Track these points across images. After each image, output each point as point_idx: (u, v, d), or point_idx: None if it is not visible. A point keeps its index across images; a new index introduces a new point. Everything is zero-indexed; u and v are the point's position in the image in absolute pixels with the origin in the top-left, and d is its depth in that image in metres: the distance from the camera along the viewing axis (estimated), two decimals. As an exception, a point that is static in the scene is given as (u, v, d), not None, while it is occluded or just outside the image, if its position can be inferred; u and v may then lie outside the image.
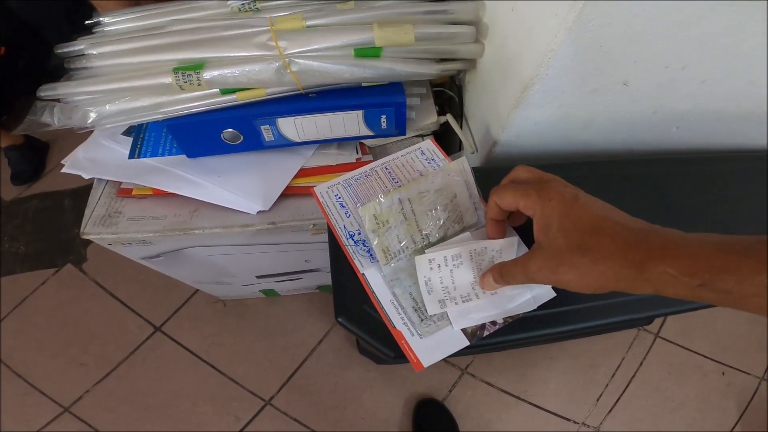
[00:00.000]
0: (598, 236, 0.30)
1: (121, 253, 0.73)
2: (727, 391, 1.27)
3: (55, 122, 0.63)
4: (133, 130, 0.71)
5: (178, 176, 0.67)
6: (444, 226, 0.45)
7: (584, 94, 0.50)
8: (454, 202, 0.45)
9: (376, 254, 0.43)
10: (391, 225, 0.43)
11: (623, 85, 0.50)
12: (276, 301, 1.32)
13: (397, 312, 0.44)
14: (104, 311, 1.32)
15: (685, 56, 0.47)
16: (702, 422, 1.23)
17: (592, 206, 0.32)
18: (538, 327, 0.46)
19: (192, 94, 0.60)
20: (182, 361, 1.26)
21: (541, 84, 0.48)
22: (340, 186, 0.51)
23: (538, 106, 0.51)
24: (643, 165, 0.57)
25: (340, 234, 0.47)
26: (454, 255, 0.42)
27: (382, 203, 0.41)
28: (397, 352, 0.44)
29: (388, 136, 0.70)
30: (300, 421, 1.19)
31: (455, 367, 1.25)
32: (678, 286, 0.27)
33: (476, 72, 0.67)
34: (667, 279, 0.27)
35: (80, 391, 1.23)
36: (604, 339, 1.30)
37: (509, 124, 0.55)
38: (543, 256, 0.33)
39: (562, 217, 0.32)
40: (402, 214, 0.43)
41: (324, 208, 0.49)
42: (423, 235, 0.45)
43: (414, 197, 0.43)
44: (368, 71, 0.59)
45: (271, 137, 0.66)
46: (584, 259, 0.30)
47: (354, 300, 0.45)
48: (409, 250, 0.45)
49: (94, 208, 0.69)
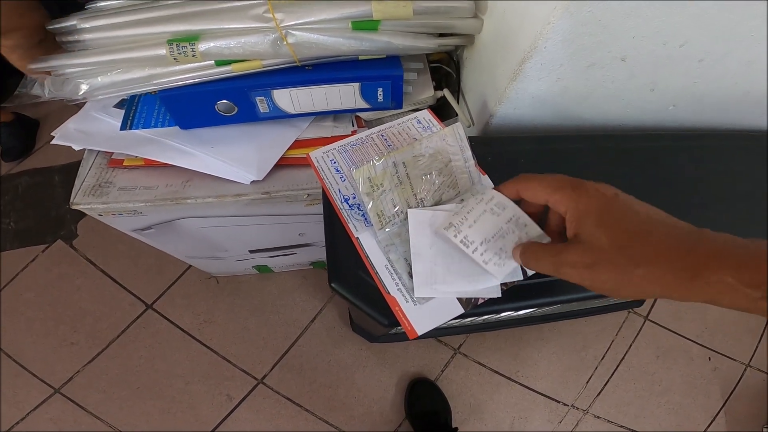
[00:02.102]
0: (645, 237, 0.28)
1: (112, 224, 0.73)
2: (712, 376, 1.30)
3: (45, 94, 0.62)
4: (125, 102, 0.71)
5: (171, 147, 0.67)
6: (439, 190, 0.45)
7: (582, 68, 0.50)
8: (449, 167, 0.45)
9: (371, 218, 0.43)
10: (385, 188, 0.42)
11: (621, 60, 0.49)
12: (269, 278, 1.32)
13: (392, 277, 0.44)
14: (95, 288, 1.32)
15: (684, 33, 0.47)
16: (687, 407, 1.26)
17: (635, 205, 0.30)
18: (533, 295, 0.46)
19: (186, 66, 0.59)
20: (174, 339, 1.26)
21: (539, 57, 0.48)
22: (335, 151, 0.50)
23: (535, 79, 0.51)
24: (639, 139, 0.57)
25: (335, 198, 0.47)
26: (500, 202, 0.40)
27: (377, 166, 0.41)
28: (391, 320, 0.44)
29: (384, 110, 0.69)
30: (292, 399, 1.20)
31: (448, 347, 1.26)
32: (737, 297, 0.25)
33: (474, 48, 0.66)
34: (724, 288, 0.25)
35: (71, 371, 1.22)
36: (596, 321, 1.31)
37: (507, 98, 0.55)
38: (580, 250, 0.30)
39: (601, 213, 0.30)
40: (397, 177, 0.43)
41: (319, 172, 0.49)
42: (418, 199, 0.45)
43: (409, 161, 0.43)
44: (365, 44, 0.58)
45: (266, 109, 0.65)
46: (627, 258, 0.28)
47: (348, 265, 0.45)
48: (403, 215, 0.45)
49: (84, 178, 0.68)
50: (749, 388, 1.30)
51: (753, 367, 1.32)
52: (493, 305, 0.45)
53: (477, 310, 0.45)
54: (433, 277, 0.43)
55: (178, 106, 0.64)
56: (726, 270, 0.25)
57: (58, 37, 0.61)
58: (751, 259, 0.25)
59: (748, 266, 0.25)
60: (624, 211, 0.29)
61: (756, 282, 0.24)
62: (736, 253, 0.26)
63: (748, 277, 0.24)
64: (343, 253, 0.46)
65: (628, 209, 0.30)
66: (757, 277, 0.24)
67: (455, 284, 0.43)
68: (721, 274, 0.25)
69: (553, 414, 1.23)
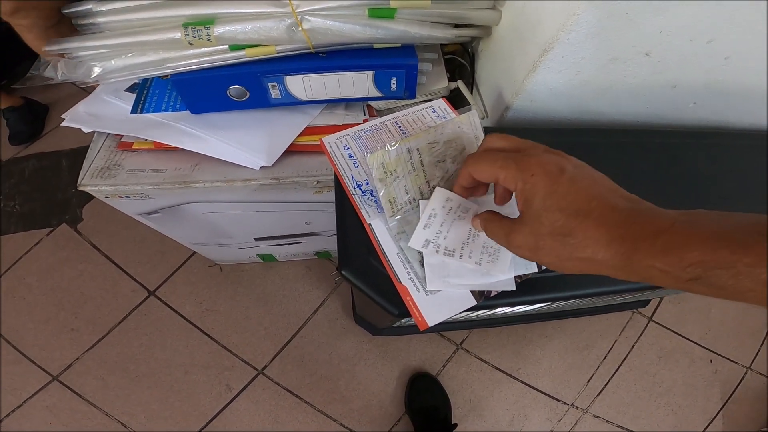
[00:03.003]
0: (583, 219, 0.28)
1: (119, 207, 0.72)
2: (713, 379, 1.29)
3: (57, 76, 0.62)
4: (137, 86, 0.71)
5: (181, 130, 0.66)
6: (452, 178, 0.44)
7: (604, 62, 0.49)
8: (463, 154, 0.44)
9: (383, 205, 0.43)
10: (398, 175, 0.42)
11: (645, 55, 0.48)
12: (273, 267, 1.32)
13: (404, 266, 0.43)
14: (98, 274, 1.31)
15: (712, 30, 0.46)
16: (686, 408, 1.26)
17: (579, 181, 0.30)
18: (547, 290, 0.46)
19: (200, 50, 0.59)
20: (176, 327, 1.26)
21: (561, 48, 0.47)
22: (349, 137, 0.50)
23: (555, 71, 0.50)
24: (656, 135, 0.56)
25: (347, 184, 0.47)
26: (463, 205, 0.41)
27: (390, 152, 0.41)
28: (401, 310, 0.43)
29: (397, 99, 0.69)
30: (292, 391, 1.20)
31: (450, 342, 1.26)
32: (667, 280, 0.26)
33: (491, 39, 0.65)
34: (654, 273, 0.26)
35: (70, 358, 1.22)
36: (600, 320, 1.31)
37: (524, 90, 0.54)
38: (524, 233, 0.31)
39: (545, 195, 0.30)
40: (410, 164, 0.42)
41: (332, 158, 0.48)
42: (431, 186, 0.44)
43: (423, 147, 0.42)
44: (381, 32, 0.58)
45: (278, 95, 0.65)
46: (565, 245, 0.29)
47: (359, 253, 0.45)
48: (415, 203, 0.44)
49: (93, 160, 0.68)
50: (749, 391, 1.30)
51: (754, 371, 1.32)
52: (505, 298, 0.44)
53: (489, 303, 0.44)
54: (445, 270, 0.43)
55: (190, 90, 0.63)
56: (655, 255, 0.25)
57: (74, 20, 0.61)
58: (681, 240, 0.25)
59: (677, 249, 0.25)
60: (566, 191, 0.29)
61: (683, 265, 0.24)
62: (667, 233, 0.26)
63: (676, 261, 0.25)
64: (353, 240, 0.46)
65: (570, 188, 0.29)
66: (685, 261, 0.24)
67: (468, 277, 0.43)
68: (651, 260, 0.26)
69: (553, 413, 1.22)
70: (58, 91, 1.60)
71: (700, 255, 0.24)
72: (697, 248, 0.24)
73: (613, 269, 0.28)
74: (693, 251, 0.24)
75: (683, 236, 0.25)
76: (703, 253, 0.24)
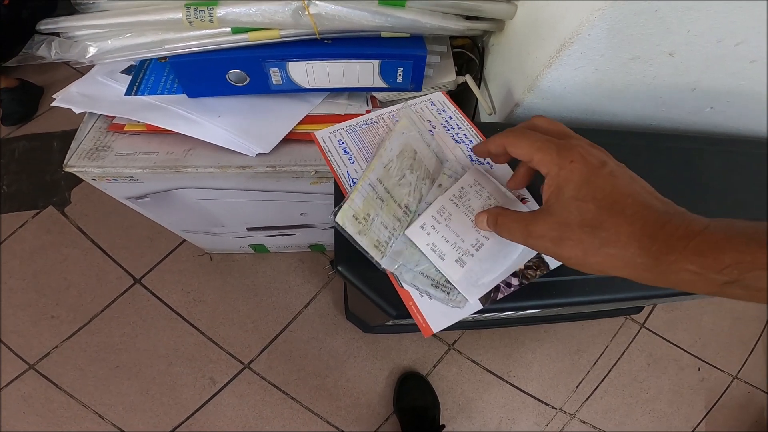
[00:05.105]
0: (616, 215, 0.27)
1: (106, 191, 0.69)
2: (699, 387, 1.30)
3: (51, 55, 0.61)
4: (132, 68, 0.68)
5: (176, 114, 0.64)
6: (417, 188, 0.42)
7: (624, 60, 0.48)
8: (417, 159, 0.42)
9: (369, 252, 0.39)
10: (373, 217, 0.39)
11: (669, 55, 0.47)
12: (265, 258, 1.29)
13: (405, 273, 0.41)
14: (83, 259, 1.27)
15: (742, 32, 0.44)
16: (670, 416, 1.26)
17: (619, 178, 0.29)
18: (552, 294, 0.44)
19: (201, 32, 0.57)
20: (160, 317, 1.23)
21: (581, 44, 0.45)
22: (343, 131, 0.47)
23: (572, 67, 0.49)
24: (671, 139, 0.55)
25: (343, 181, 0.44)
26: (438, 210, 0.40)
27: (355, 201, 0.38)
28: (400, 311, 0.41)
29: (402, 91, 0.67)
30: (278, 386, 1.17)
31: (442, 342, 1.25)
32: (699, 283, 0.25)
33: (503, 34, 0.63)
34: (686, 276, 0.25)
35: (48, 346, 1.18)
36: (592, 325, 1.30)
37: (537, 86, 0.52)
38: (549, 223, 0.30)
39: (581, 183, 0.29)
40: (378, 199, 0.40)
41: (325, 153, 0.46)
42: (403, 207, 0.41)
43: (381, 175, 0.40)
44: (391, 20, 0.56)
45: (279, 81, 0.62)
46: (594, 238, 0.28)
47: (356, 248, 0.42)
48: (397, 231, 0.41)
49: (81, 141, 0.65)
50: (732, 399, 1.30)
51: (740, 379, 1.32)
52: (514, 302, 0.42)
53: (495, 306, 0.42)
54: (473, 276, 0.40)
55: (189, 72, 0.61)
56: (689, 257, 0.24)
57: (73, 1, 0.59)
58: (717, 242, 0.24)
59: (712, 251, 0.24)
60: (603, 184, 0.28)
61: (720, 267, 0.23)
62: (702, 236, 0.25)
63: (711, 263, 0.24)
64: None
65: (608, 182, 0.28)
66: (721, 263, 0.23)
67: (495, 268, 0.41)
68: (685, 262, 0.25)
69: (541, 417, 1.22)
70: (54, 73, 1.57)
71: (738, 256, 0.23)
72: (733, 249, 0.23)
73: (641, 269, 0.27)
74: (729, 252, 0.23)
75: (718, 239, 0.24)
76: (740, 254, 0.23)
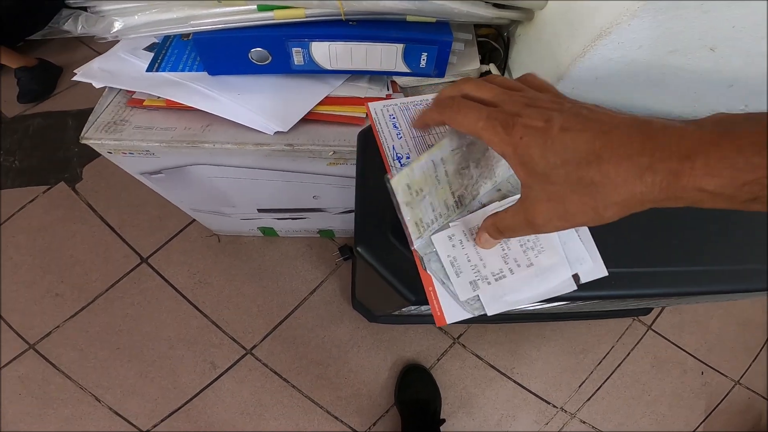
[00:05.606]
0: (597, 163, 0.25)
1: (120, 165, 0.69)
2: (700, 391, 1.29)
3: (77, 30, 0.60)
4: (155, 46, 0.68)
5: (196, 90, 0.63)
6: (476, 184, 0.40)
7: (662, 53, 0.46)
8: (486, 155, 0.40)
9: (409, 228, 0.38)
10: (425, 193, 0.37)
11: (710, 50, 0.45)
12: (273, 242, 1.28)
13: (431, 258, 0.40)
14: (91, 236, 1.27)
15: (787, 30, 0.43)
16: (670, 418, 1.26)
17: (572, 126, 0.26)
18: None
19: (227, 8, 0.57)
20: (165, 298, 1.22)
21: (618, 34, 0.44)
22: (397, 107, 0.46)
23: (606, 58, 0.47)
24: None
25: (387, 155, 0.43)
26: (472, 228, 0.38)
27: (416, 170, 0.36)
28: (419, 297, 0.40)
29: (424, 76, 0.66)
30: (279, 374, 1.17)
31: (447, 335, 1.24)
32: (720, 202, 0.22)
33: (532, 24, 0.62)
34: (705, 197, 0.22)
35: (50, 326, 1.18)
36: (600, 325, 1.30)
37: (568, 76, 0.51)
38: (545, 205, 0.28)
39: (543, 153, 0.26)
40: (436, 178, 0.37)
41: (375, 124, 0.45)
42: (456, 197, 0.39)
43: (447, 156, 0.37)
44: (418, 4, 0.55)
45: (301, 61, 0.62)
46: (595, 194, 0.25)
47: (378, 228, 0.40)
48: (441, 218, 0.39)
49: (99, 114, 0.65)
50: (732, 404, 1.30)
51: (742, 385, 1.31)
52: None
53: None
54: (500, 289, 0.38)
55: (211, 50, 0.61)
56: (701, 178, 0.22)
57: None
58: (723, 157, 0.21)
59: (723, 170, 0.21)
60: (563, 142, 0.25)
61: (738, 184, 0.21)
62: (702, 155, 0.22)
63: (727, 182, 0.21)
64: (374, 213, 0.41)
65: (566, 136, 0.25)
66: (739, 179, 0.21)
67: (525, 290, 0.39)
68: (698, 183, 0.22)
69: (541, 415, 1.21)
70: (73, 53, 1.57)
71: (756, 172, 0.21)
72: (748, 163, 0.21)
73: (658, 201, 0.24)
74: (744, 170, 0.21)
75: (725, 151, 0.21)
76: (757, 166, 0.20)
